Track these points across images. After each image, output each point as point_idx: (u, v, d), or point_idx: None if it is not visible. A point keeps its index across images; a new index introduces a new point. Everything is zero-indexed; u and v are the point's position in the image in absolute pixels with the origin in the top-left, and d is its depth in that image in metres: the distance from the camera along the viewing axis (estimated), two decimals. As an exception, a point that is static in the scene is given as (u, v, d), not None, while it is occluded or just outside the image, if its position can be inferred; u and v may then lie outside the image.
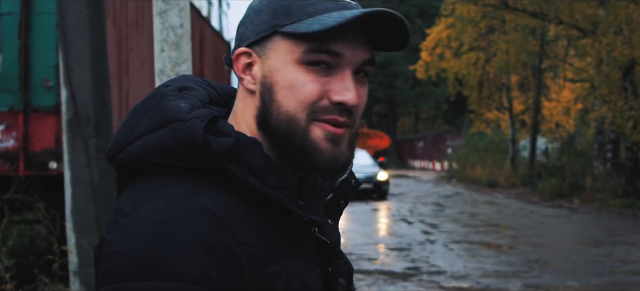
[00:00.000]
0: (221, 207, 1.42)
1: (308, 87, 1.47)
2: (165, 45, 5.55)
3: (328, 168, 1.51)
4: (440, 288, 10.86)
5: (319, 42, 1.46)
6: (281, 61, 1.49)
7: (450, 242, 15.58)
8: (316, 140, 1.48)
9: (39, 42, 9.65)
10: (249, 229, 1.43)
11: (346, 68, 1.48)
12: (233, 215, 1.42)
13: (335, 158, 1.49)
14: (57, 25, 6.23)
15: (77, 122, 5.82)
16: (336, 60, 1.48)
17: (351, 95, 1.46)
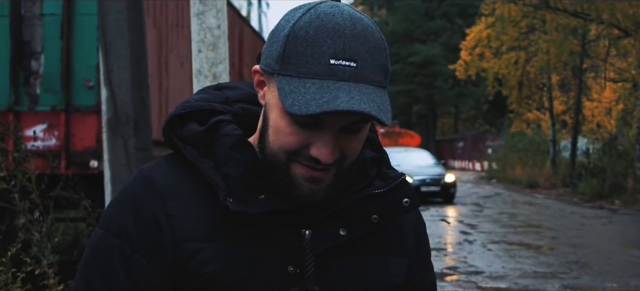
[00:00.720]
0: (166, 180, 1.65)
1: (289, 139, 1.56)
2: (202, 46, 5.65)
3: (304, 203, 1.60)
4: (477, 288, 10.85)
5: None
6: (275, 102, 1.56)
7: (489, 243, 15.51)
8: (295, 178, 1.58)
9: (80, 42, 9.84)
10: (183, 205, 1.62)
11: (329, 130, 1.54)
12: (173, 190, 1.63)
13: (312, 195, 1.59)
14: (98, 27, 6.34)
15: (116, 121, 5.93)
16: (319, 123, 1.53)
17: (326, 155, 1.53)
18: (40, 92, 9.96)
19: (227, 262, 1.61)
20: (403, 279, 1.76)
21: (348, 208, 1.66)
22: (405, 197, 1.71)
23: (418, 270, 1.82)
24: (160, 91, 11.81)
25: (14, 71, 9.93)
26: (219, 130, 1.66)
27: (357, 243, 1.69)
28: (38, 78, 9.96)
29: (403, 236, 1.79)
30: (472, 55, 38.61)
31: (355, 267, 1.70)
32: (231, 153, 1.63)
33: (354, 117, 1.53)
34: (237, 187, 1.60)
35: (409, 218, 1.80)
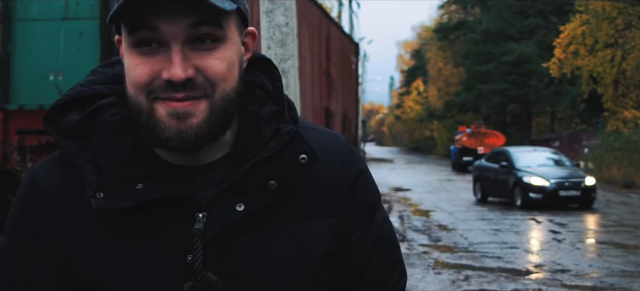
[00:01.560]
0: (50, 177, 1.56)
1: (138, 71, 1.45)
2: (271, 42, 5.82)
3: (176, 145, 1.46)
4: (562, 286, 10.76)
5: (133, 20, 1.43)
6: (124, 48, 1.49)
7: (578, 241, 15.34)
8: (160, 118, 1.45)
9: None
10: (66, 204, 1.52)
11: (172, 43, 1.43)
12: (56, 188, 1.54)
13: (180, 133, 1.45)
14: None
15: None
16: (159, 36, 1.43)
17: (176, 70, 1.42)
18: (129, 91, 10.27)
19: (111, 263, 1.49)
20: (329, 244, 1.58)
21: (241, 179, 1.51)
22: (301, 153, 1.54)
23: (354, 227, 1.64)
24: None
25: (104, 71, 10.25)
26: (99, 117, 1.54)
27: (262, 217, 1.53)
28: (126, 78, 10.29)
29: (322, 194, 1.60)
30: (566, 53, 37.99)
31: (265, 243, 1.53)
32: (105, 143, 1.51)
33: (188, 15, 1.42)
34: (109, 179, 1.49)
35: (329, 173, 1.61)
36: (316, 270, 1.56)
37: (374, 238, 1.66)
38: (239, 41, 1.53)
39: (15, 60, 10.64)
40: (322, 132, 1.69)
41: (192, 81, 1.43)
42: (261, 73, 1.63)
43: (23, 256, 1.54)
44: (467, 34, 62.74)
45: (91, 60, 10.27)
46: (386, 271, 1.68)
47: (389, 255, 1.69)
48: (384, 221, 1.70)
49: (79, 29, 10.43)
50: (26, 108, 10.47)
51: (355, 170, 1.65)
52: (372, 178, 1.71)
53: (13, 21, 10.63)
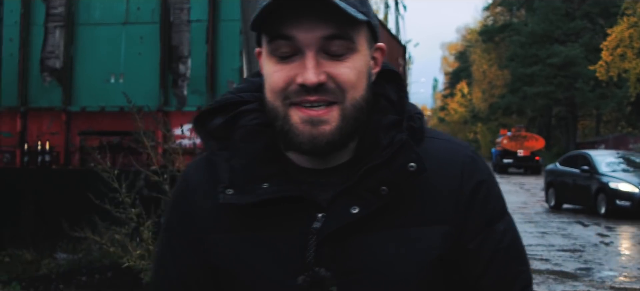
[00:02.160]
0: (196, 175, 1.77)
1: (276, 77, 1.59)
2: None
3: (309, 149, 1.60)
4: (610, 288, 10.83)
5: (273, 30, 1.58)
6: (264, 56, 1.65)
7: (626, 245, 15.38)
8: (294, 123, 1.58)
9: (224, 46, 10.32)
10: (206, 199, 1.70)
11: (307, 50, 1.56)
12: (199, 183, 1.74)
13: (313, 139, 1.58)
14: (242, 32, 6.83)
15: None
16: (295, 45, 1.57)
17: (309, 75, 1.55)
18: (187, 93, 10.49)
19: (234, 254, 1.67)
20: (441, 249, 1.64)
21: (356, 184, 1.61)
22: (410, 162, 1.61)
23: (472, 235, 1.68)
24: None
25: (164, 74, 10.50)
26: (239, 121, 1.70)
27: (376, 220, 1.62)
28: (185, 80, 10.51)
29: (436, 200, 1.66)
30: (613, 56, 37.67)
31: (377, 245, 1.62)
32: (239, 144, 1.67)
33: (324, 26, 1.55)
34: (239, 177, 1.64)
35: (447, 181, 1.68)
36: (426, 274, 1.63)
37: (493, 247, 1.68)
38: (369, 54, 1.65)
39: (78, 63, 10.90)
40: (445, 142, 1.75)
41: (324, 86, 1.56)
42: (388, 85, 1.73)
43: (175, 243, 1.76)
44: (512, 36, 62.44)
45: (151, 64, 10.55)
46: (505, 281, 1.70)
47: (509, 265, 1.70)
48: (506, 231, 1.72)
49: (140, 33, 10.68)
50: (88, 110, 10.77)
51: (475, 179, 1.69)
52: (495, 189, 1.74)
53: (76, 25, 10.91)
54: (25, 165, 11.04)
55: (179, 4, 10.55)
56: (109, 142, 10.26)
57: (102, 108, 10.69)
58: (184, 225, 1.75)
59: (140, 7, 10.71)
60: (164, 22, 10.57)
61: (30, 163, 10.99)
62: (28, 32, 11.06)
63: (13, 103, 11.05)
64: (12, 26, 11.11)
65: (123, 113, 10.50)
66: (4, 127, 11.15)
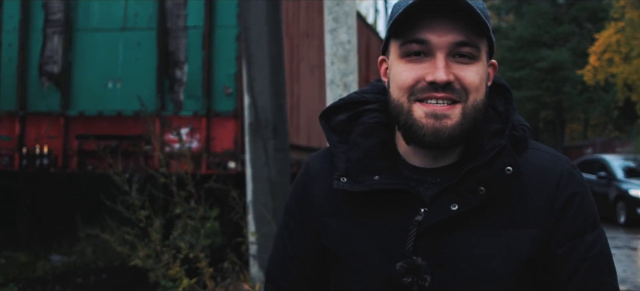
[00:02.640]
0: (317, 163, 1.98)
1: (405, 76, 1.75)
2: (335, 58, 6.26)
3: (431, 140, 1.73)
4: None
5: (407, 34, 1.74)
6: (392, 59, 1.81)
7: (612, 248, 15.27)
8: (417, 118, 1.73)
9: (220, 52, 10.48)
10: (324, 185, 1.90)
11: (438, 52, 1.72)
12: (319, 171, 1.95)
13: (436, 131, 1.72)
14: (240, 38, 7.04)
15: (257, 125, 6.62)
16: (427, 48, 1.72)
17: (440, 74, 1.70)
18: (183, 98, 10.65)
19: (342, 237, 1.84)
20: (530, 252, 1.75)
21: (457, 183, 1.75)
22: (507, 165, 1.73)
23: (561, 242, 1.77)
24: (292, 97, 12.40)
25: (160, 79, 10.67)
26: (360, 118, 1.88)
27: (472, 218, 1.74)
28: (182, 85, 10.67)
29: (530, 205, 1.77)
30: (601, 61, 37.82)
31: (471, 242, 1.74)
32: (357, 139, 1.84)
33: (456, 33, 1.72)
34: (353, 168, 1.81)
35: (542, 189, 1.78)
36: (515, 273, 1.75)
37: (580, 256, 1.77)
38: (486, 65, 1.81)
39: (76, 68, 11.06)
40: (548, 154, 1.87)
41: (451, 85, 1.71)
42: (497, 98, 1.89)
43: (291, 223, 1.99)
44: (500, 40, 62.47)
45: (148, 69, 10.69)
46: (589, 289, 1.78)
47: (595, 274, 1.78)
48: (595, 243, 1.80)
49: (137, 39, 10.85)
50: (86, 114, 10.92)
51: (570, 191, 1.79)
52: (589, 203, 1.82)
53: (74, 31, 11.07)
54: (24, 169, 11.14)
55: (176, 10, 10.71)
56: (107, 146, 10.39)
57: (100, 113, 10.82)
58: (302, 208, 1.95)
59: (137, 13, 10.87)
60: (161, 28, 10.74)
61: (28, 167, 11.09)
62: (27, 38, 11.22)
63: (12, 108, 11.19)
64: (12, 31, 11.26)
65: (120, 118, 10.67)
66: (2, 130, 11.27)
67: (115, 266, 13.16)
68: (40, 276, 12.07)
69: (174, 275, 6.41)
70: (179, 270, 6.41)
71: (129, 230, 6.91)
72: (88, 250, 13.87)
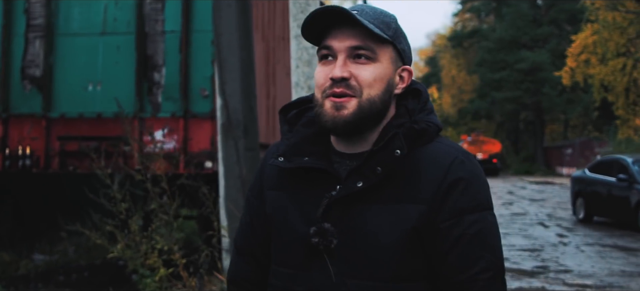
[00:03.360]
0: (272, 148, 2.36)
1: (318, 76, 2.14)
2: (299, 62, 6.64)
3: (331, 128, 2.11)
4: (564, 284, 11.26)
5: (321, 43, 2.15)
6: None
7: (583, 245, 15.70)
8: (325, 109, 2.11)
9: (196, 56, 10.78)
10: (272, 166, 2.29)
11: (339, 55, 2.10)
12: (271, 154, 2.34)
13: (334, 120, 2.09)
14: (213, 43, 7.37)
15: (229, 126, 6.97)
16: (332, 52, 2.11)
17: (336, 71, 2.08)
18: (161, 100, 10.94)
19: (277, 205, 2.25)
20: (415, 221, 2.04)
21: (362, 164, 2.09)
22: (396, 149, 2.06)
23: (444, 218, 2.05)
24: (268, 99, 12.71)
25: (139, 82, 10.96)
26: (305, 113, 2.29)
27: (374, 194, 2.07)
28: (160, 88, 10.95)
29: (421, 185, 2.07)
30: (578, 62, 38.23)
31: (371, 213, 2.08)
32: (299, 128, 2.24)
33: (352, 38, 2.08)
34: (289, 150, 2.20)
35: (433, 172, 2.08)
36: (400, 241, 2.06)
37: (460, 232, 2.04)
38: (392, 68, 2.16)
39: (57, 71, 11.31)
40: (446, 146, 2.17)
41: (347, 81, 2.08)
42: (412, 99, 2.23)
43: (250, 197, 2.41)
44: (480, 41, 62.89)
45: (127, 72, 10.94)
46: (467, 261, 2.04)
47: (472, 249, 2.05)
48: (476, 222, 2.07)
49: (116, 43, 11.10)
50: (67, 116, 11.17)
51: (456, 176, 2.08)
52: (473, 188, 2.09)
53: (55, 36, 11.32)
54: (7, 169, 11.36)
55: (154, 15, 10.98)
56: (87, 146, 10.65)
57: (81, 115, 11.08)
58: (256, 183, 2.38)
59: (117, 18, 11.14)
60: (139, 33, 11.02)
61: (11, 167, 11.32)
62: (9, 42, 11.46)
63: (-5, 110, 11.38)
64: (-6, 37, 11.44)
65: (101, 119, 10.93)
66: (-15, 132, 11.44)
67: (97, 265, 13.37)
68: (23, 274, 12.23)
69: (152, 264, 6.80)
70: (157, 260, 6.79)
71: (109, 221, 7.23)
72: (70, 249, 14.04)
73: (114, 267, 12.72)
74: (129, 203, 7.20)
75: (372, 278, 2.07)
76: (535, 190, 33.86)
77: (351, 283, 2.08)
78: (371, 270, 2.07)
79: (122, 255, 7.03)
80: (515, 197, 29.50)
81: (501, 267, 2.11)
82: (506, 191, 33.17)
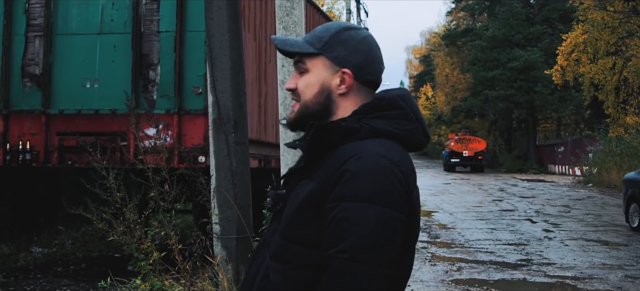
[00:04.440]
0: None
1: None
2: (285, 61, 7.05)
3: (288, 125, 2.61)
4: (545, 276, 11.63)
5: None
6: None
7: (567, 239, 16.00)
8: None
9: (190, 55, 11.13)
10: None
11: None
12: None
13: (288, 119, 2.58)
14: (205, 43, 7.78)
15: (220, 121, 7.39)
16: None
17: (288, 83, 2.54)
18: (157, 97, 11.30)
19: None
20: (305, 196, 2.37)
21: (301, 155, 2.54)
22: (307, 137, 2.46)
23: (331, 198, 2.31)
24: (260, 96, 13.09)
25: (135, 80, 11.31)
26: None
27: (305, 172, 2.46)
28: (155, 85, 11.32)
29: (325, 170, 2.38)
30: (569, 61, 38.54)
31: (297, 185, 2.46)
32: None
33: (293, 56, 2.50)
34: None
35: (338, 160, 2.35)
36: (297, 209, 2.40)
37: (334, 214, 2.29)
38: (326, 74, 2.48)
39: (56, 69, 11.66)
40: (361, 143, 2.39)
41: (295, 91, 2.50)
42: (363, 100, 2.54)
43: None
44: (474, 40, 63.13)
45: (124, 70, 11.29)
46: (332, 241, 2.28)
47: (338, 231, 2.27)
48: (349, 209, 2.27)
49: (113, 42, 11.46)
50: (66, 112, 11.52)
51: (346, 167, 2.31)
52: (357, 182, 2.30)
53: (54, 35, 11.68)
54: (8, 164, 11.69)
55: (149, 16, 11.35)
56: (85, 142, 11.00)
57: (79, 111, 11.44)
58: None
59: (113, 18, 11.49)
60: (135, 33, 11.38)
61: (12, 162, 11.66)
62: (10, 41, 11.81)
63: (-4, 107, 11.71)
64: (-5, 36, 11.77)
65: (98, 116, 11.30)
66: (-13, 128, 11.75)
67: (93, 257, 13.78)
68: (22, 266, 12.60)
69: (146, 249, 7.24)
70: (150, 245, 7.23)
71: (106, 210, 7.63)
72: (67, 242, 14.41)
73: (111, 259, 13.11)
74: (123, 193, 7.64)
75: (280, 235, 2.44)
76: (526, 188, 34.18)
77: (275, 238, 2.47)
78: (282, 228, 2.44)
79: (119, 239, 7.44)
80: (506, 194, 29.79)
81: (362, 257, 2.25)
82: (498, 188, 33.49)
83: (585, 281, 11.30)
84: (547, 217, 20.86)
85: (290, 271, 2.40)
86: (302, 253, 2.39)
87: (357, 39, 2.53)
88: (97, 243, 14.35)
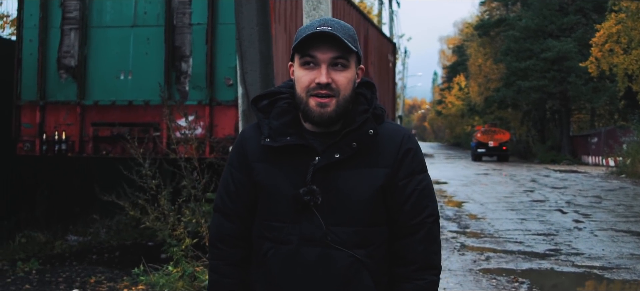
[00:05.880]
0: (249, 131, 2.90)
1: (303, 78, 2.69)
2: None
3: (319, 121, 2.69)
4: (573, 265, 11.68)
5: (304, 52, 2.68)
6: (296, 66, 2.75)
7: (597, 230, 15.94)
8: (311, 107, 2.68)
9: (222, 47, 11.29)
10: (254, 144, 2.83)
11: (322, 64, 2.66)
12: (252, 136, 2.86)
13: (321, 115, 2.67)
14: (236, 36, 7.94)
15: (249, 113, 7.56)
16: (316, 61, 2.66)
17: (322, 78, 2.63)
18: (189, 89, 11.46)
19: (268, 174, 2.76)
20: (382, 181, 2.70)
21: (339, 141, 2.69)
22: (370, 129, 2.69)
23: (401, 177, 2.74)
24: (291, 88, 13.21)
25: (168, 71, 11.47)
26: (276, 103, 2.81)
27: (348, 163, 2.68)
28: (187, 77, 11.47)
29: (384, 153, 2.72)
30: (602, 51, 38.11)
31: (347, 176, 2.68)
32: (276, 116, 2.77)
33: (333, 51, 2.63)
34: (273, 132, 2.73)
35: (392, 145, 2.74)
36: (371, 195, 2.70)
37: (413, 187, 2.77)
38: (355, 71, 2.76)
39: (91, 62, 11.87)
40: (395, 125, 2.87)
41: (329, 85, 2.66)
42: (366, 89, 2.85)
43: (232, 169, 2.90)
44: (507, 30, 62.58)
45: (156, 62, 11.47)
46: (418, 209, 2.76)
47: (421, 199, 2.77)
48: (423, 180, 2.81)
49: (146, 35, 11.65)
50: (100, 103, 11.73)
51: (408, 146, 2.81)
52: (419, 156, 2.83)
53: (89, 28, 11.89)
54: (44, 153, 11.93)
55: (182, 8, 11.50)
56: (119, 132, 11.24)
57: (113, 102, 11.63)
58: (240, 158, 2.87)
59: (147, 11, 11.68)
60: (168, 25, 11.55)
61: (48, 152, 11.89)
62: (46, 34, 12.03)
63: (33, 98, 12.01)
64: (32, 28, 12.08)
65: (131, 107, 11.50)
66: (24, 119, 12.06)
67: (127, 245, 13.99)
68: (58, 253, 12.82)
69: (178, 235, 7.44)
70: (182, 232, 7.43)
71: (141, 195, 7.84)
72: (102, 231, 14.63)
73: (144, 247, 13.32)
74: (158, 180, 7.85)
75: (352, 223, 2.70)
76: (558, 179, 33.87)
77: (335, 229, 2.69)
78: (351, 218, 2.70)
79: (152, 225, 7.64)
80: (538, 185, 29.63)
81: (438, 214, 2.83)
82: (529, 179, 33.28)
83: (613, 271, 11.31)
84: (577, 207, 20.73)
85: (374, 251, 2.74)
86: (380, 232, 2.76)
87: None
88: (131, 232, 14.56)
